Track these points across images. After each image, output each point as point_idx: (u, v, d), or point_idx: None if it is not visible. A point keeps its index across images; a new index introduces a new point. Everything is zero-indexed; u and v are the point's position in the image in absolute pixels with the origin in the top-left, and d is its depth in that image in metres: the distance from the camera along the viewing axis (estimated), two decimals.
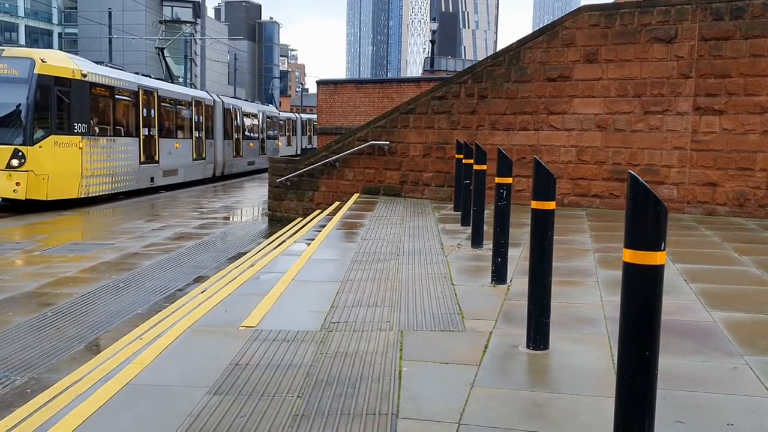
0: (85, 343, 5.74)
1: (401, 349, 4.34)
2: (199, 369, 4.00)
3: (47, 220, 14.44)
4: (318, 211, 13.73)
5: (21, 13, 60.90)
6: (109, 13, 42.67)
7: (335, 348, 4.37)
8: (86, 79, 17.15)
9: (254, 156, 33.94)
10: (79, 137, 16.59)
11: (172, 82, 26.98)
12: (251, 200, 20.99)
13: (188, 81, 52.93)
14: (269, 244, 10.59)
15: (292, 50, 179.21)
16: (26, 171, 15.25)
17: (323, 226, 10.03)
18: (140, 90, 20.53)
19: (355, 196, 13.52)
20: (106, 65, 19.98)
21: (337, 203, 13.47)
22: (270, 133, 37.76)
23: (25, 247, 10.60)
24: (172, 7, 67.64)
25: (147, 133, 20.87)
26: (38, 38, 61.69)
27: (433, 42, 39.12)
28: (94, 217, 15.55)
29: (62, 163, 16.09)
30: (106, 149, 18.00)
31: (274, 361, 4.10)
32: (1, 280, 8.28)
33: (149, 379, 3.84)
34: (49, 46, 59.42)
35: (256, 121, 34.84)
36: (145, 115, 20.68)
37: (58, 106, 16.12)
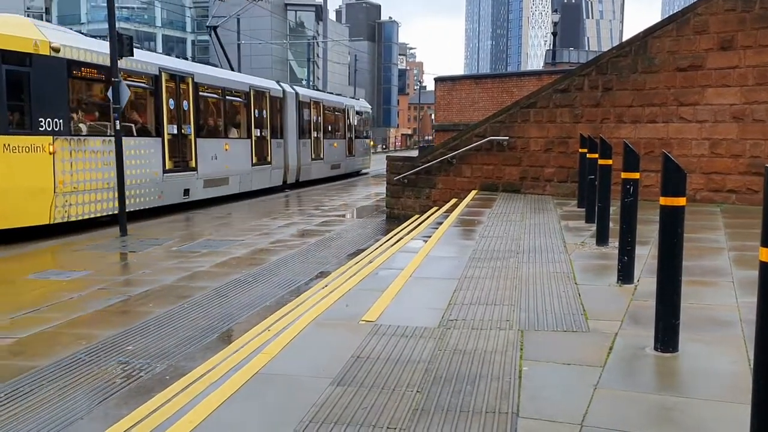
0: (217, 333, 6.08)
1: (521, 349, 4.29)
2: (322, 360, 4.15)
3: None
4: (435, 208, 13.77)
5: (158, 23, 65.18)
6: (238, 20, 44.68)
7: (454, 345, 4.38)
8: (60, 55, 12.16)
9: (339, 158, 29.33)
10: (49, 138, 11.81)
11: (232, 69, 22.84)
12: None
13: (311, 84, 54.55)
14: (387, 241, 10.75)
15: (411, 49, 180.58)
16: None
17: (440, 224, 10.05)
18: (163, 74, 15.47)
19: (473, 192, 13.44)
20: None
21: (454, 200, 13.45)
22: (360, 130, 33.09)
23: None
24: (296, 11, 69.94)
25: (175, 132, 16.01)
26: (174, 46, 65.66)
27: (554, 34, 38.14)
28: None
29: (17, 175, 11.42)
30: (101, 154, 13.04)
31: (393, 356, 4.17)
32: (143, 273, 8.91)
33: (277, 369, 4.01)
34: (184, 54, 63.13)
35: (342, 117, 29.99)
36: (172, 107, 15.85)
37: (9, 94, 11.51)
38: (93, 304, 7.15)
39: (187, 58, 21.95)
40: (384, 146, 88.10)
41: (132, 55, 12.89)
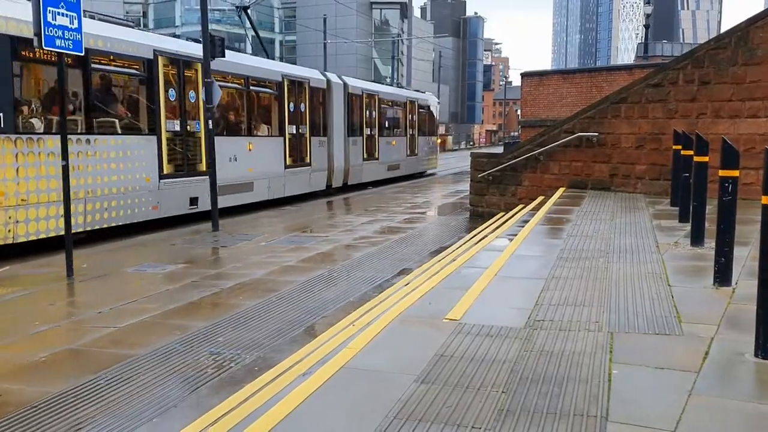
0: (304, 327, 6.20)
1: (611, 351, 4.17)
2: (406, 357, 4.16)
3: None
4: (521, 206, 13.56)
5: (248, 24, 67.09)
6: (324, 20, 45.39)
7: (540, 346, 4.31)
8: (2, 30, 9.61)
9: (398, 158, 26.46)
10: None
11: (267, 56, 20.74)
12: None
13: (395, 81, 54.81)
14: (471, 239, 10.67)
15: (496, 44, 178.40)
16: None
17: (526, 222, 9.88)
18: (159, 58, 12.73)
19: (561, 190, 13.15)
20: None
21: (541, 198, 13.21)
22: (425, 127, 29.83)
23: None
24: (381, 9, 70.41)
25: (177, 129, 13.34)
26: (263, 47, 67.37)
27: (647, 26, 36.79)
28: None
29: None
30: (73, 156, 10.09)
31: (478, 355, 4.14)
32: (233, 267, 9.20)
33: (361, 364, 4.06)
34: (272, 54, 64.65)
35: (402, 112, 27.08)
36: (172, 98, 13.25)
37: None
38: (186, 296, 7.44)
39: (274, 58, 22.27)
40: (468, 143, 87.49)
41: (224, 56, 13.17)
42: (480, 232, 11.15)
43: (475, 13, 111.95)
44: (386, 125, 25.32)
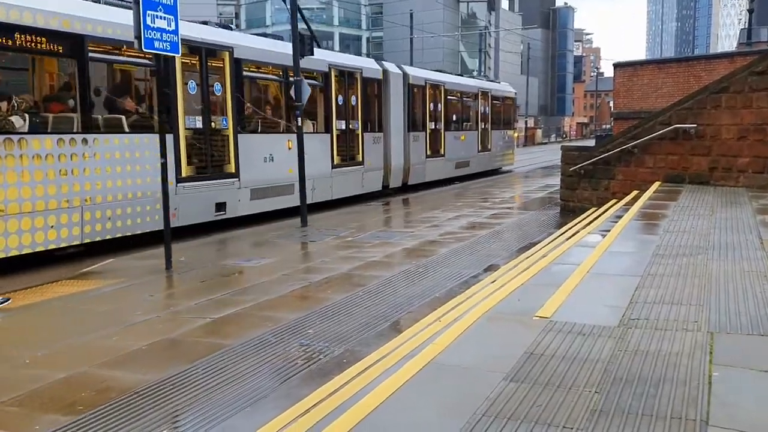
0: (390, 322, 6.23)
1: (711, 352, 3.97)
2: (494, 355, 4.11)
3: None
4: (614, 200, 13.14)
5: (335, 22, 68.05)
6: (411, 15, 45.42)
7: (635, 346, 4.16)
8: None
9: (467, 154, 24.35)
10: None
11: (316, 44, 16.15)
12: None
13: (482, 74, 54.22)
14: (561, 234, 10.42)
15: (587, 34, 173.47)
16: None
17: (620, 217, 9.56)
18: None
19: (656, 184, 12.65)
20: None
21: (635, 192, 12.75)
22: (500, 119, 27.61)
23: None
24: (468, 2, 69.81)
25: (198, 126, 11.96)
26: (350, 44, 68.21)
27: (751, 11, 34.83)
28: None
29: None
30: (56, 159, 9.31)
31: (569, 354, 4.04)
32: (321, 262, 9.36)
33: (448, 360, 4.04)
34: (359, 51, 65.37)
35: (473, 104, 24.92)
36: (192, 91, 11.79)
37: None
38: (277, 289, 7.62)
39: (361, 55, 21.90)
40: (559, 136, 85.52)
41: (312, 54, 13.32)
42: (571, 227, 10.88)
43: (565, 3, 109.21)
44: (454, 118, 23.18)
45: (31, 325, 6.59)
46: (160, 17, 8.12)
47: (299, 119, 12.74)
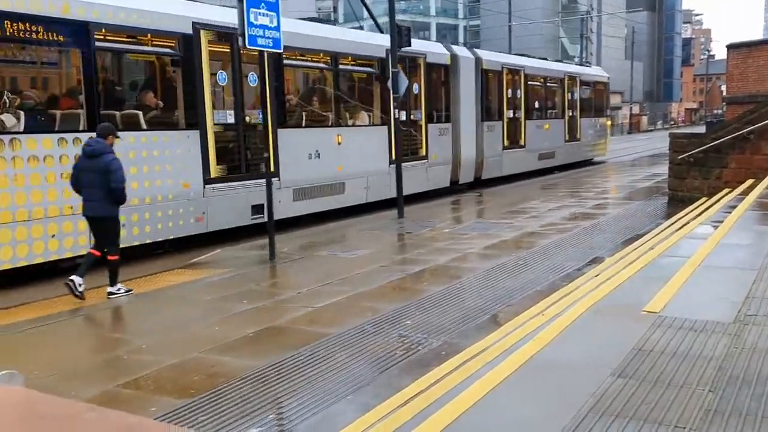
0: (489, 315, 6.16)
1: None
2: (600, 350, 3.99)
3: None
4: (726, 190, 12.43)
5: (432, 12, 67.84)
6: (509, 1, 44.60)
7: (752, 343, 3.92)
8: None
9: (552, 145, 22.47)
10: None
11: (380, 30, 16.27)
12: None
13: (583, 60, 52.61)
14: (670, 225, 9.96)
15: (696, 15, 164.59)
16: None
17: (733, 207, 9.04)
18: (201, 32, 10.24)
19: None
20: None
21: (750, 181, 12.01)
22: (591, 106, 25.62)
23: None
24: None
25: (230, 121, 10.88)
26: (446, 33, 67.82)
27: None
28: None
29: None
30: (57, 161, 8.35)
31: (680, 351, 3.86)
32: (418, 253, 9.38)
33: (552, 355, 3.95)
34: (455, 40, 64.89)
35: (559, 90, 23.03)
36: (223, 81, 10.87)
37: None
38: (375, 280, 7.70)
39: (457, 44, 21.17)
40: (666, 123, 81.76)
41: (410, 46, 13.20)
42: (680, 218, 10.38)
43: None
44: (536, 106, 21.41)
45: (147, 313, 6.97)
46: (263, 14, 8.35)
47: (396, 111, 12.77)
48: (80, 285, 7.12)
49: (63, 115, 8.83)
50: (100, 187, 7.15)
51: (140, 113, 9.76)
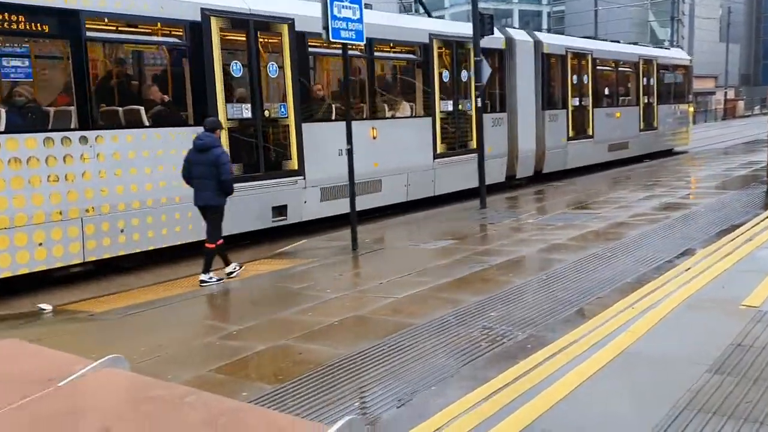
0: (576, 307, 6.02)
1: None
2: (695, 345, 3.84)
3: None
4: None
5: None
6: None
7: None
8: None
9: (625, 134, 20.82)
10: None
11: (428, 14, 15.71)
12: None
13: (674, 43, 50.45)
14: None
15: None
16: None
17: None
18: (212, 17, 9.49)
19: None
20: None
21: None
22: (671, 93, 23.75)
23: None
24: None
25: (246, 116, 10.00)
26: (529, 20, 66.52)
27: None
28: None
29: None
30: (45, 162, 7.73)
31: None
32: (501, 244, 9.28)
33: (644, 349, 3.84)
34: (538, 27, 63.57)
35: (633, 75, 21.37)
36: (237, 74, 9.95)
37: None
38: (457, 271, 7.67)
39: (541, 30, 20.30)
40: (765, 107, 77.47)
41: (492, 34, 13.02)
42: None
43: None
44: (606, 92, 20.03)
45: (238, 300, 7.21)
46: (346, 7, 8.43)
47: (478, 100, 12.64)
48: (235, 270, 7.96)
49: (63, 114, 8.21)
50: (210, 178, 7.64)
51: (141, 109, 9.00)
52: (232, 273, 7.95)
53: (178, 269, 8.85)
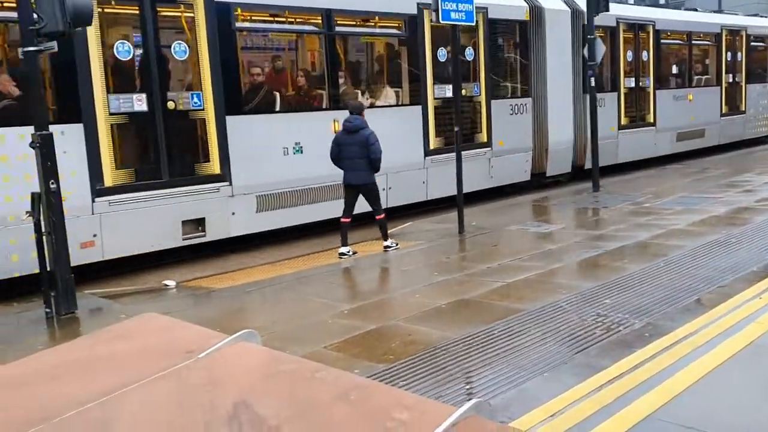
0: (696, 296, 5.75)
1: None
2: None
3: None
4: None
5: None
6: None
7: None
8: None
9: (699, 120, 17.38)
10: None
11: None
12: None
13: None
14: None
15: None
16: None
17: None
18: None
19: None
20: None
21: None
22: (764, 70, 20.23)
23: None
24: None
25: (139, 108, 7.90)
26: None
27: None
28: None
29: None
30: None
31: None
32: (615, 229, 8.97)
33: None
34: (655, 1, 60.31)
35: (711, 49, 18.26)
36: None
37: None
38: (569, 256, 7.50)
39: (658, 5, 18.29)
40: None
41: (608, 11, 12.23)
42: None
43: None
44: (674, 71, 16.92)
45: (351, 278, 7.38)
46: None
47: (592, 80, 12.20)
48: (349, 252, 8.29)
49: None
50: (360, 158, 8.12)
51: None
52: (345, 253, 8.25)
53: (290, 250, 9.13)
